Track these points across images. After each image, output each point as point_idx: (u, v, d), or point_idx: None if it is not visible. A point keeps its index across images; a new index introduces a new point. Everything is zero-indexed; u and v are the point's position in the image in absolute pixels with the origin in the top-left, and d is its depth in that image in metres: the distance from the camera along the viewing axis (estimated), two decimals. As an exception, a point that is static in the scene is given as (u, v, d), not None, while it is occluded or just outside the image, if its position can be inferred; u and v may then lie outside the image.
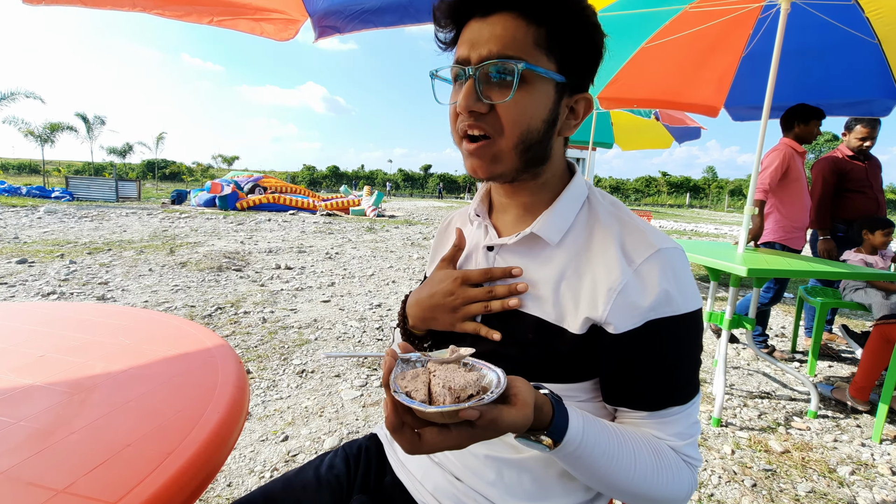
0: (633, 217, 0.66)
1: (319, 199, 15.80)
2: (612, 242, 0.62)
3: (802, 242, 3.15)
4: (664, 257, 0.60)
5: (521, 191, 0.70)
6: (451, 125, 0.67)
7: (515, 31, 0.59)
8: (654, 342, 0.59)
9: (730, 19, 2.83)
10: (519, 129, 0.61)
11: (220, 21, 1.74)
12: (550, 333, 0.63)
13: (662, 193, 63.86)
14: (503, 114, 0.60)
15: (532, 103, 0.61)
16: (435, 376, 0.49)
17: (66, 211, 10.77)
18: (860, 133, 3.20)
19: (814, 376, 2.89)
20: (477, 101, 0.60)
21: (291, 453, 1.85)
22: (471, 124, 0.61)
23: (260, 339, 3.09)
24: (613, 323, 0.59)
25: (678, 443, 0.62)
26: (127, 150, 52.10)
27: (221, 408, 0.68)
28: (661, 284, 0.59)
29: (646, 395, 0.62)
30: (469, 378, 0.48)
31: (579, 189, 0.70)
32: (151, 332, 0.97)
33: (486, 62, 0.59)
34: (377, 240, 8.60)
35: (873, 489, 1.78)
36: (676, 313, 0.59)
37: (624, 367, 0.61)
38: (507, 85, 0.59)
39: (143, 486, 0.50)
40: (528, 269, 0.67)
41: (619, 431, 0.59)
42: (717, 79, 3.31)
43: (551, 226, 0.66)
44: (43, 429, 0.61)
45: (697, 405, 0.64)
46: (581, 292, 0.62)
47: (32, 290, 3.93)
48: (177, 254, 5.95)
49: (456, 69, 0.63)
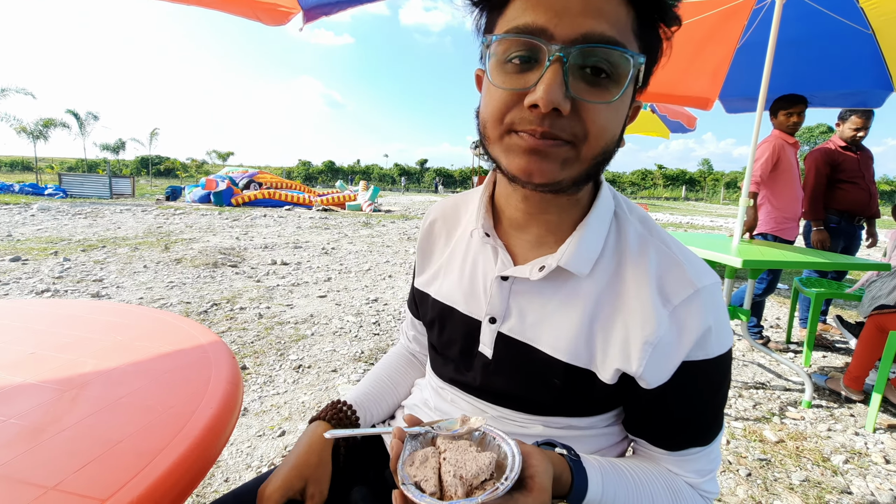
0: (667, 242, 0.57)
1: (315, 195, 15.73)
2: (647, 279, 0.54)
3: (795, 233, 3.17)
4: (703, 298, 0.53)
5: (551, 207, 0.57)
6: (487, 122, 0.51)
7: (617, 8, 0.45)
8: (683, 386, 0.55)
9: (725, 10, 2.82)
10: (604, 140, 0.49)
11: (210, 3, 1.71)
12: (579, 378, 0.57)
13: (658, 186, 63.97)
14: (591, 118, 0.46)
15: (623, 108, 0.49)
16: (445, 460, 0.45)
17: (60, 208, 10.69)
18: (854, 123, 3.20)
19: (809, 367, 2.92)
20: (565, 96, 0.45)
21: (288, 448, 1.85)
22: (545, 130, 0.46)
23: (256, 334, 3.08)
24: (647, 378, 0.54)
25: (697, 479, 0.60)
26: (120, 146, 51.81)
27: (214, 404, 0.67)
28: (698, 330, 0.53)
29: (667, 436, 0.59)
30: (482, 462, 0.44)
31: (607, 204, 0.59)
32: (144, 329, 0.96)
33: (590, 45, 0.44)
34: (373, 235, 8.59)
35: (867, 477, 1.80)
36: (710, 357, 0.54)
37: (648, 409, 0.58)
38: (607, 82, 0.46)
39: (133, 482, 0.50)
40: (552, 308, 0.58)
41: (636, 476, 0.57)
42: (712, 71, 3.30)
43: (580, 256, 0.56)
44: (34, 426, 0.60)
45: (720, 441, 0.61)
46: (612, 338, 0.55)
47: (26, 287, 3.91)
48: (172, 250, 5.92)
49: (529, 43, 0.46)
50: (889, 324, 2.21)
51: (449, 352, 0.70)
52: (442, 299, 0.70)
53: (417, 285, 0.78)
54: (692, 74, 3.35)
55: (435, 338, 0.74)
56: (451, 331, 0.69)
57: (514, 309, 0.61)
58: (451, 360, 0.70)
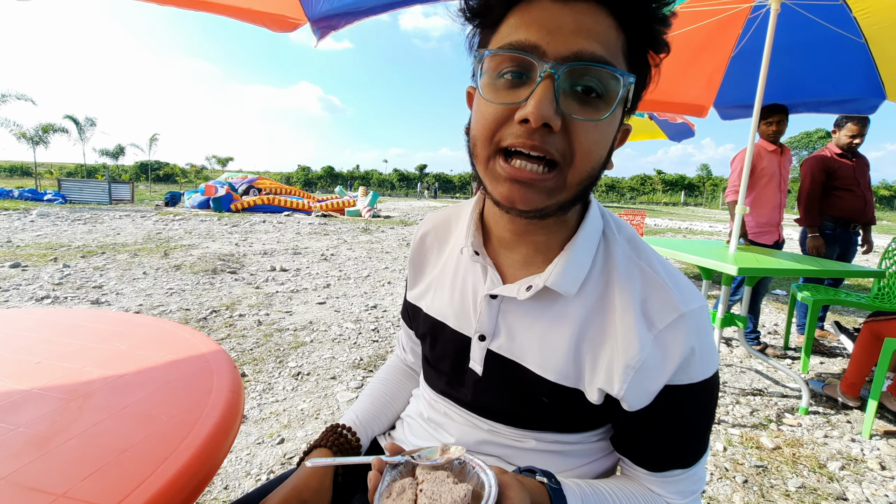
0: (654, 263, 0.57)
1: (314, 200, 15.77)
2: (632, 302, 0.54)
3: (774, 238, 3.21)
4: (688, 323, 0.53)
5: (538, 230, 0.58)
6: (477, 138, 0.51)
7: (608, 30, 0.46)
8: (665, 410, 0.56)
9: (719, 19, 2.86)
10: (592, 162, 0.49)
11: (216, 8, 1.73)
12: (566, 396, 0.59)
13: (657, 191, 64.18)
14: (580, 137, 0.47)
15: (611, 129, 0.50)
16: (422, 492, 0.46)
17: (59, 214, 10.70)
18: (850, 130, 3.24)
19: (806, 373, 2.93)
20: (556, 112, 0.45)
21: (288, 456, 1.86)
22: (535, 144, 0.46)
23: (255, 341, 3.09)
24: (629, 401, 0.55)
25: (680, 501, 0.60)
26: (119, 151, 51.88)
27: (217, 412, 0.69)
28: (682, 354, 0.53)
29: (650, 457, 0.60)
30: (457, 494, 0.45)
31: (595, 224, 0.59)
32: (146, 338, 0.98)
33: (581, 63, 0.45)
34: (372, 241, 8.61)
35: (863, 484, 1.81)
36: (693, 381, 0.54)
37: (632, 429, 0.59)
38: (597, 101, 0.47)
39: (139, 490, 0.51)
40: (540, 328, 0.59)
41: (617, 500, 0.58)
42: (707, 78, 3.34)
43: (567, 276, 0.56)
44: (41, 435, 0.62)
45: (704, 463, 0.60)
46: (599, 358, 0.56)
47: (26, 294, 3.92)
48: (171, 256, 5.93)
49: (521, 59, 0.47)
50: (884, 330, 2.23)
51: (441, 366, 0.71)
52: (433, 314, 0.71)
53: (410, 299, 0.78)
54: (688, 82, 3.39)
55: (427, 351, 0.75)
56: (442, 345, 0.70)
57: (503, 327, 0.62)
58: (444, 374, 0.71)
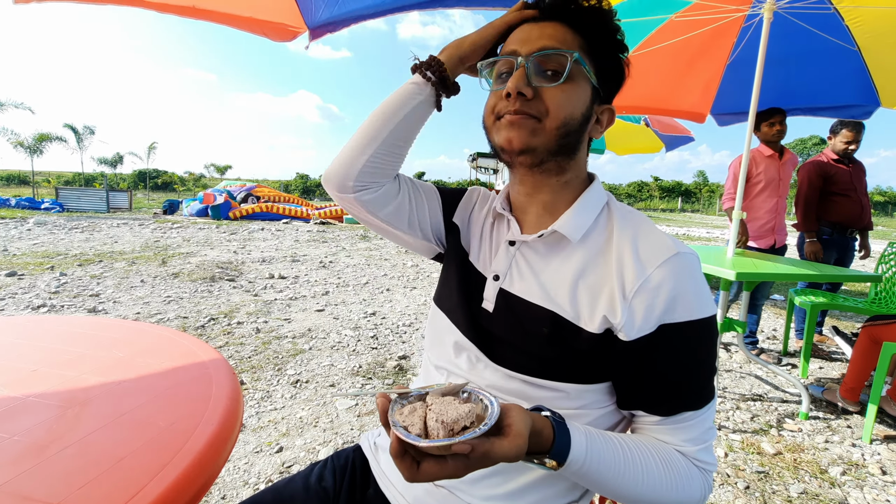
0: (650, 223, 0.68)
1: (313, 208, 15.76)
2: (629, 246, 0.63)
3: (768, 243, 3.22)
4: (679, 262, 0.60)
5: (544, 188, 0.72)
6: (486, 117, 0.71)
7: (565, 34, 0.67)
8: (667, 347, 0.60)
9: (714, 28, 2.89)
10: (563, 113, 0.65)
11: (217, 18, 1.74)
12: (566, 329, 0.64)
13: (655, 198, 64.35)
14: (550, 98, 0.65)
15: (575, 95, 0.66)
16: (430, 410, 0.51)
17: (56, 222, 10.67)
18: (845, 137, 3.27)
19: (805, 378, 2.93)
20: (527, 84, 0.64)
21: (286, 464, 1.85)
22: (517, 109, 0.65)
23: (254, 349, 3.08)
24: (625, 330, 0.60)
25: (691, 448, 0.62)
26: (118, 160, 51.77)
27: (215, 420, 0.68)
28: (675, 289, 0.59)
29: (658, 401, 0.62)
30: (462, 410, 0.50)
31: (599, 193, 0.72)
32: (145, 345, 0.97)
33: (541, 52, 0.65)
34: (371, 248, 8.60)
35: (864, 489, 1.80)
36: (690, 318, 0.59)
37: (636, 372, 0.62)
38: (556, 75, 0.65)
39: (136, 498, 0.51)
40: (548, 267, 0.68)
41: (626, 444, 0.60)
42: (703, 86, 3.36)
43: (573, 224, 0.68)
44: (38, 443, 0.61)
45: (712, 411, 0.64)
46: (598, 293, 0.63)
47: (22, 303, 3.90)
48: (169, 264, 5.91)
49: (504, 62, 0.69)
50: (882, 335, 2.23)
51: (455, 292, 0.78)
52: (464, 244, 0.82)
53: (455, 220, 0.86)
54: (685, 89, 3.41)
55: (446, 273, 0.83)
56: (463, 274, 0.79)
57: (515, 269, 0.72)
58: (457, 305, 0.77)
